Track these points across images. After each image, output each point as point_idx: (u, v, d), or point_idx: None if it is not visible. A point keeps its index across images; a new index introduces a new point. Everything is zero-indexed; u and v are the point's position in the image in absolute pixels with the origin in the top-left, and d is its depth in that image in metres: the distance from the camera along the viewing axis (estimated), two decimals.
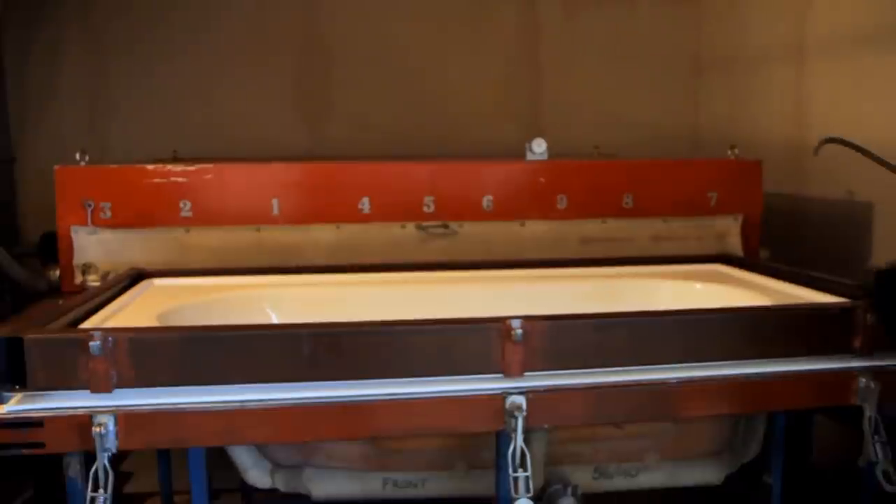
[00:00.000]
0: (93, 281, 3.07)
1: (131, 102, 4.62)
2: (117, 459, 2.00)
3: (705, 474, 2.71)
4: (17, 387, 1.95)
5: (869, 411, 2.23)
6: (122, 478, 2.72)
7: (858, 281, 2.69)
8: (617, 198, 3.61)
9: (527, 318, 2.13)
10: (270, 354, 2.05)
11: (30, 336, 1.94)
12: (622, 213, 3.61)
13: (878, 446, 2.23)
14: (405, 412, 2.09)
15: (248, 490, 3.12)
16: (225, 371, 2.03)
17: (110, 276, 3.05)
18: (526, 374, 2.12)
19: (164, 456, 2.92)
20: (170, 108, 4.56)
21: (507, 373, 2.12)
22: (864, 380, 2.24)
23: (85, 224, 3.18)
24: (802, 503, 2.76)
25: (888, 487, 2.22)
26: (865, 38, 3.85)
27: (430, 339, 2.14)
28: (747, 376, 2.23)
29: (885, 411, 2.25)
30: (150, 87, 4.44)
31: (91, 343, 1.93)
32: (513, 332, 2.10)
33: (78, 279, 3.11)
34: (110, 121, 4.66)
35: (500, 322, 2.12)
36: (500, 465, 2.18)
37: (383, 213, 3.45)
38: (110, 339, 1.95)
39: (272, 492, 2.70)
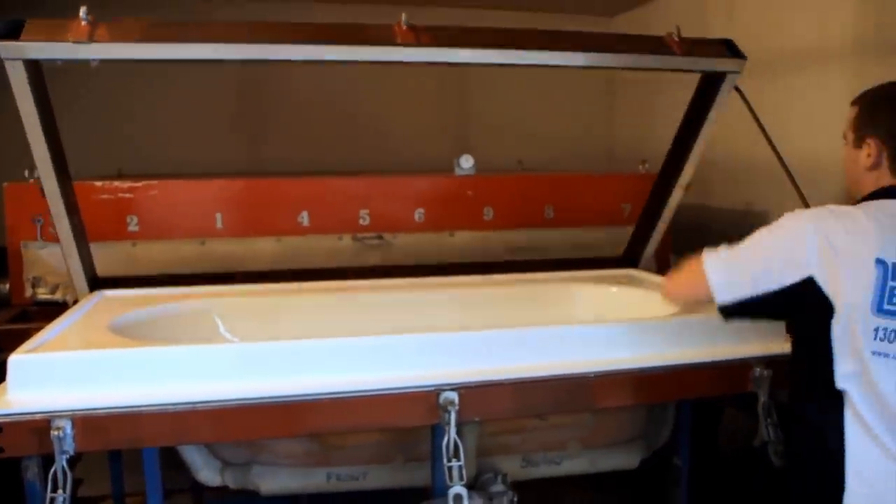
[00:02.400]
0: (42, 294, 3.13)
1: (74, 121, 4.63)
2: (70, 465, 2.08)
3: (622, 460, 2.89)
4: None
5: (763, 396, 2.45)
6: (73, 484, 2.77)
7: None
8: (539, 209, 3.83)
9: None
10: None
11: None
12: (544, 223, 3.83)
13: (770, 428, 2.45)
14: (346, 409, 2.21)
15: (198, 490, 3.23)
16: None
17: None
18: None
19: (116, 459, 2.98)
20: (113, 128, 4.59)
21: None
22: (758, 369, 2.45)
23: (35, 239, 3.25)
24: (708, 482, 2.98)
25: (778, 462, 2.44)
26: (765, 62, 4.17)
27: None
28: (657, 369, 2.41)
29: (776, 397, 2.47)
30: (93, 107, 4.47)
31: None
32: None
33: (28, 292, 3.17)
34: None
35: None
36: (435, 456, 2.33)
37: (321, 226, 3.60)
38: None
39: (222, 490, 2.81)
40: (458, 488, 2.23)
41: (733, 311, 2.01)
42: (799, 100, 3.91)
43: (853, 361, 1.83)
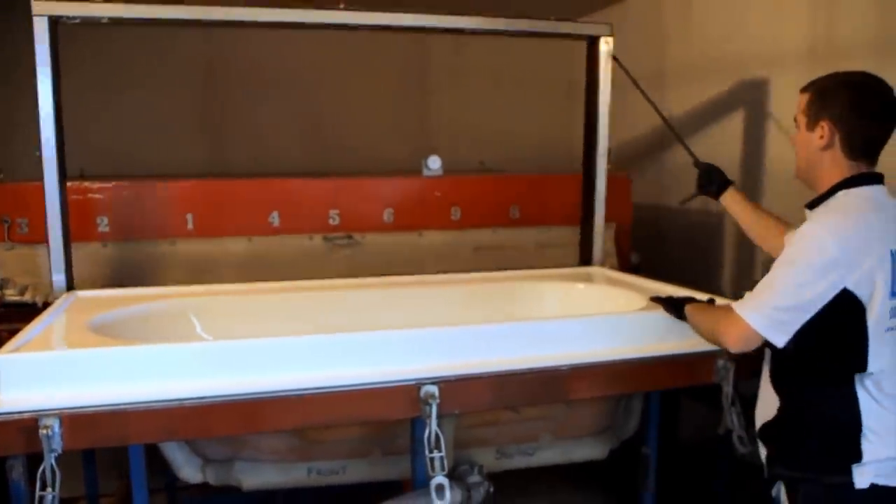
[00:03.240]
0: (10, 295, 3.11)
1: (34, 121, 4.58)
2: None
3: (592, 450, 2.98)
4: None
5: (726, 387, 2.58)
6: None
7: None
8: (505, 209, 3.93)
9: None
10: None
11: None
12: (510, 222, 3.93)
13: (734, 416, 2.58)
14: (330, 404, 2.27)
15: (172, 490, 3.25)
16: None
17: None
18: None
19: (89, 460, 2.97)
20: (73, 128, 4.50)
21: None
22: (721, 361, 2.57)
23: (2, 240, 3.23)
24: (671, 469, 3.10)
25: (742, 450, 2.57)
26: (722, 65, 4.35)
27: None
28: (627, 361, 2.53)
29: (738, 388, 2.59)
30: None
31: None
32: None
33: None
34: (12, 139, 4.61)
35: None
36: (415, 449, 2.40)
37: (292, 226, 3.64)
38: None
39: (196, 489, 2.83)
40: (440, 478, 2.30)
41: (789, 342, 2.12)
42: (752, 102, 4.08)
43: (882, 344, 2.06)
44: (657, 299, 2.73)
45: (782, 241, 2.32)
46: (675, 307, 2.59)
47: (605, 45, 3.61)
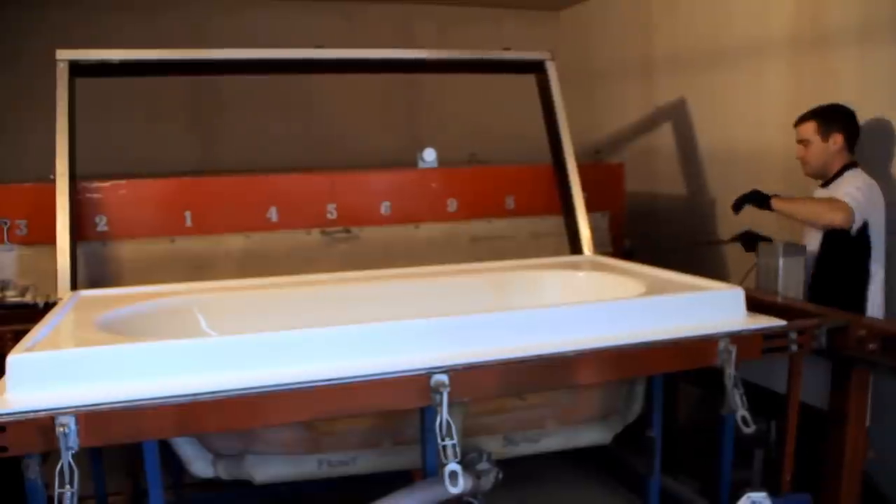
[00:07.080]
0: (11, 297, 3.10)
1: (20, 122, 4.55)
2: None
3: (596, 436, 3.03)
4: None
5: (728, 369, 2.61)
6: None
7: None
8: (500, 200, 3.96)
9: None
10: None
11: None
12: (505, 213, 3.96)
13: (738, 397, 2.61)
14: (342, 395, 2.28)
15: (178, 487, 3.25)
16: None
17: None
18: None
19: (97, 459, 2.96)
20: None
21: None
22: (723, 343, 2.61)
23: (1, 242, 3.21)
24: (673, 450, 3.15)
25: (746, 430, 2.61)
26: (708, 55, 4.41)
27: None
28: (631, 346, 2.56)
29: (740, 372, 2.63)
30: (38, 108, 4.36)
31: None
32: None
33: None
34: (9, 139, 4.58)
35: None
36: (426, 438, 2.42)
37: (290, 221, 3.65)
38: None
39: (201, 485, 2.82)
40: (453, 465, 2.31)
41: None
42: (739, 91, 4.14)
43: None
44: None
45: None
46: (759, 200, 3.63)
47: (552, 68, 4.06)
